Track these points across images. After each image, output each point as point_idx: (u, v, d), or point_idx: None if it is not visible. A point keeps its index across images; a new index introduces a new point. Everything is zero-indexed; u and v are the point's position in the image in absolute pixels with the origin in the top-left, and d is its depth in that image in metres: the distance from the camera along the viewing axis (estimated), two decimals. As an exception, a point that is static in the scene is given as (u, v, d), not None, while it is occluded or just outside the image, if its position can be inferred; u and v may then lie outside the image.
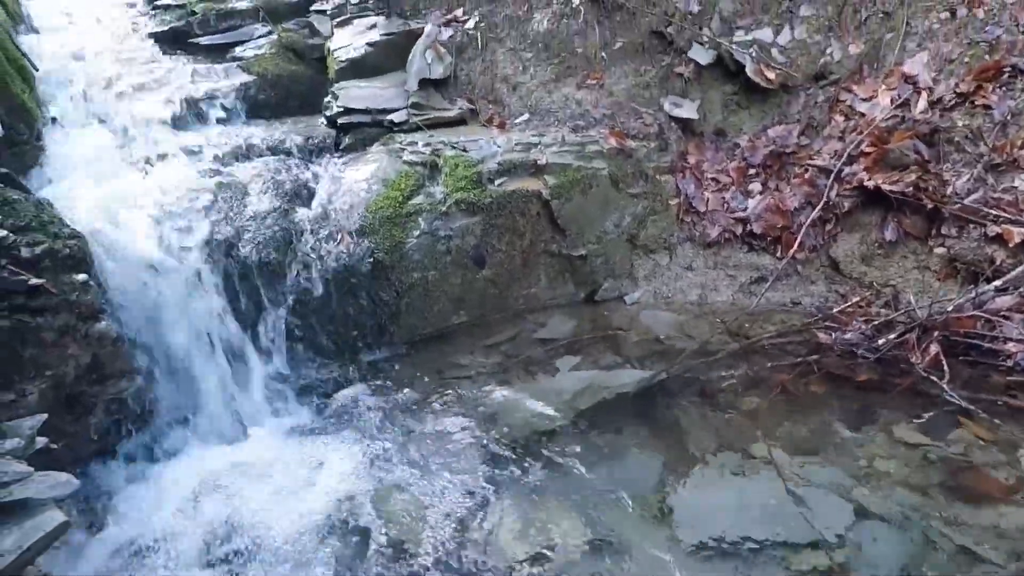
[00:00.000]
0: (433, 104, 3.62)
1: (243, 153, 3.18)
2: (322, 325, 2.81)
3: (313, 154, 3.33)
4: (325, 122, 3.56)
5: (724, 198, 3.35)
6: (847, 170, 3.08)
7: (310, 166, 3.19)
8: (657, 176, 3.39)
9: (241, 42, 4.00)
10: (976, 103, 2.92)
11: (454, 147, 3.15)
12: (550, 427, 2.41)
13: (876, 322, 2.71)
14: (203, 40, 3.99)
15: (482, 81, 3.77)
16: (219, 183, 2.85)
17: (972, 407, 2.28)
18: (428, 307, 2.99)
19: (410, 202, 2.95)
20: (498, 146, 3.19)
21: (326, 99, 3.63)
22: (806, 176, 3.20)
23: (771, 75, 3.40)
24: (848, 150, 3.08)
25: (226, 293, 2.60)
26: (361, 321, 2.89)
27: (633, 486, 2.12)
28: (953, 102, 2.97)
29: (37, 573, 1.52)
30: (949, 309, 2.59)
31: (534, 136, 3.34)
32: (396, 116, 3.48)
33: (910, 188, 2.89)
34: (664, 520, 1.98)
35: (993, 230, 2.72)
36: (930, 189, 2.86)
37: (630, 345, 2.92)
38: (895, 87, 3.13)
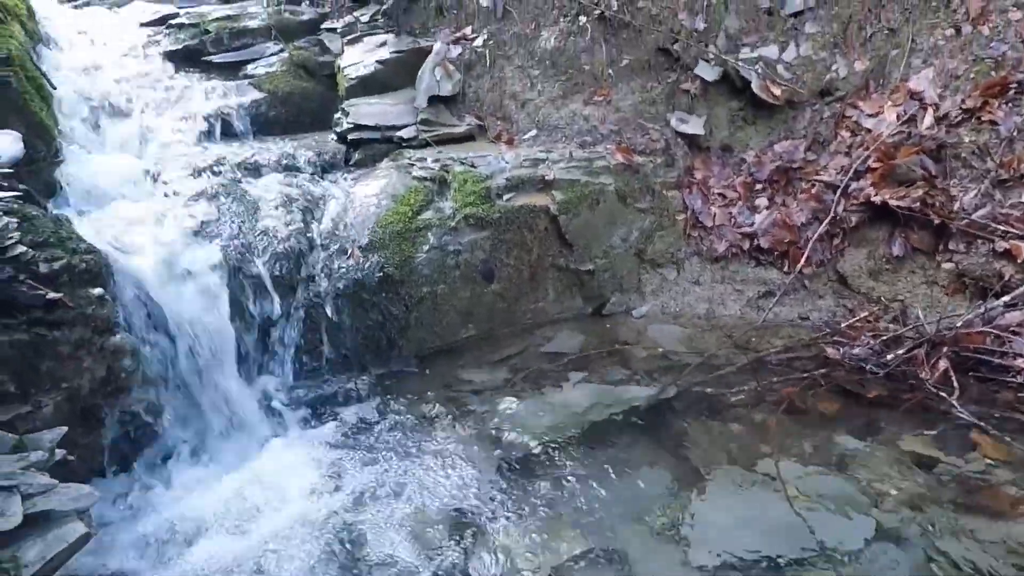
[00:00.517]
0: (442, 120, 3.67)
1: (255, 169, 3.22)
2: (332, 339, 2.83)
3: (324, 170, 3.38)
4: (335, 138, 3.61)
5: (731, 213, 3.37)
6: (854, 185, 3.09)
7: (321, 181, 3.23)
8: (664, 191, 3.41)
9: (253, 60, 4.07)
10: (982, 119, 2.93)
11: (463, 163, 3.19)
12: (557, 442, 2.41)
13: (884, 337, 2.71)
14: (216, 58, 4.06)
15: (490, 98, 3.82)
16: (231, 198, 2.89)
17: (982, 423, 2.27)
18: (437, 321, 3.01)
19: (419, 217, 2.98)
20: (506, 162, 3.23)
21: (336, 115, 3.69)
22: (813, 191, 3.22)
23: (777, 91, 3.43)
24: (855, 165, 3.10)
25: (236, 307, 2.63)
26: (371, 335, 2.91)
27: (641, 501, 2.11)
28: (959, 118, 2.99)
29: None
30: (958, 324, 2.58)
31: (542, 152, 3.38)
32: (405, 132, 3.54)
33: (917, 203, 2.90)
34: (672, 536, 1.98)
35: (1001, 245, 2.72)
36: (937, 204, 2.87)
37: (638, 359, 2.93)
38: (901, 103, 3.16)
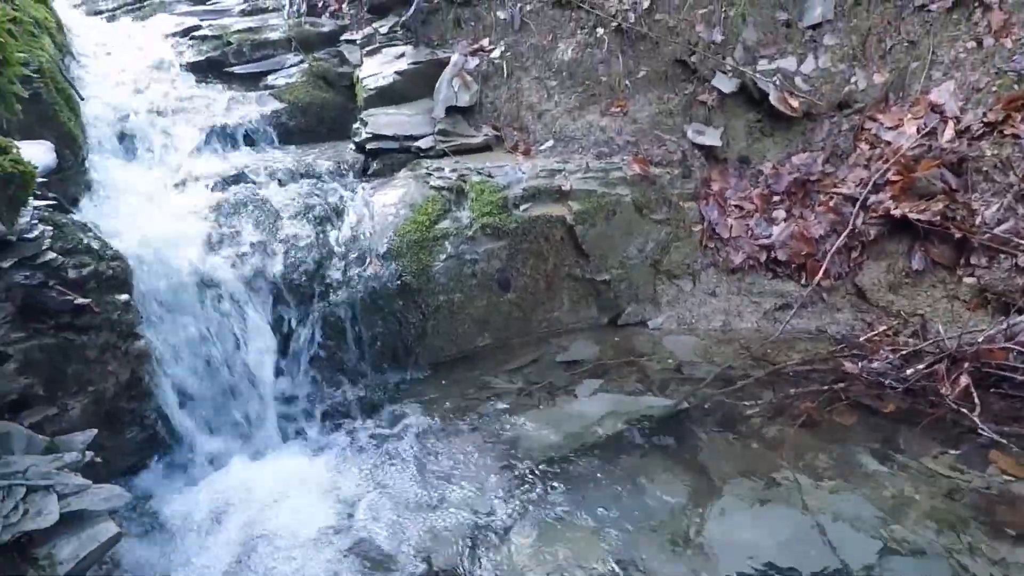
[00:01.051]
0: (459, 131, 3.70)
1: (275, 177, 3.27)
2: (349, 346, 2.86)
3: (342, 179, 3.42)
4: (354, 148, 3.66)
5: (748, 225, 3.36)
6: (873, 198, 3.08)
7: (339, 191, 3.27)
8: (680, 203, 3.41)
9: (274, 71, 4.14)
10: (1005, 132, 2.91)
11: (480, 173, 3.22)
12: (573, 452, 2.42)
13: (904, 352, 2.69)
14: (238, 69, 4.14)
15: (507, 108, 3.85)
16: (252, 206, 2.94)
17: (1004, 440, 2.24)
18: (453, 329, 3.03)
19: (437, 226, 3.01)
20: (523, 172, 3.25)
21: (355, 125, 3.74)
22: (831, 204, 3.21)
23: (795, 103, 3.42)
24: (874, 178, 3.09)
25: (256, 314, 2.67)
26: (388, 342, 2.93)
27: (656, 512, 2.11)
28: (981, 131, 2.96)
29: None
30: (980, 340, 2.55)
31: (558, 163, 3.40)
32: (423, 142, 3.57)
33: (937, 217, 2.88)
34: (687, 548, 1.97)
35: (1024, 260, 2.70)
36: (958, 218, 2.85)
37: (653, 370, 2.93)
38: (921, 116, 3.14)
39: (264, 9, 4.88)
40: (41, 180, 2.05)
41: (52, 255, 1.94)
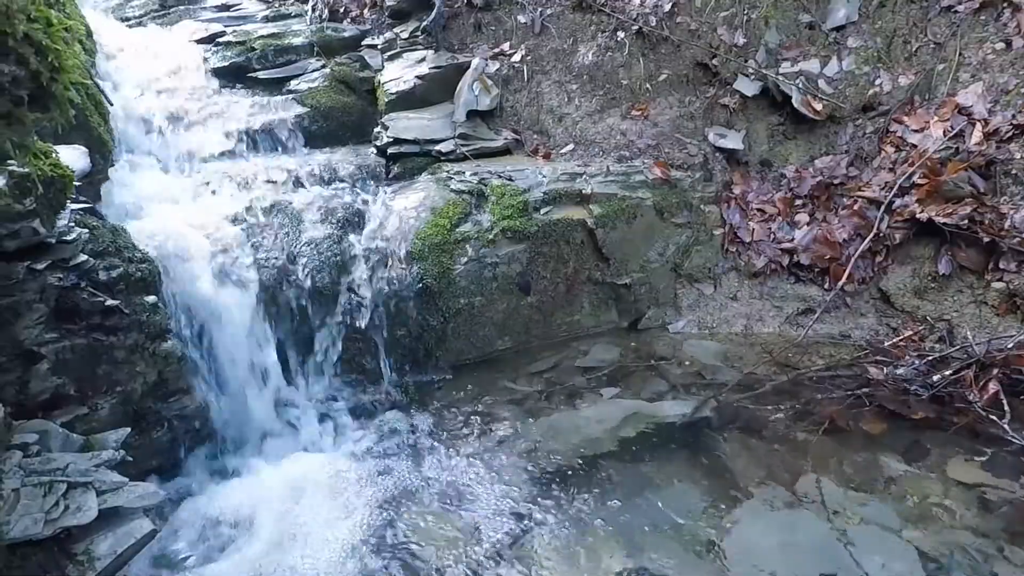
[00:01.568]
0: (480, 135, 3.72)
1: (297, 181, 3.31)
2: (370, 348, 2.88)
3: (364, 182, 3.45)
4: (375, 151, 3.69)
5: (770, 228, 3.33)
6: (898, 202, 3.04)
7: (361, 194, 3.30)
8: (702, 206, 3.39)
9: (296, 76, 4.18)
10: (1034, 135, 2.86)
11: (501, 176, 3.23)
12: (593, 455, 2.41)
13: (930, 357, 2.65)
14: (261, 74, 4.19)
15: (528, 112, 3.86)
16: (275, 209, 2.98)
17: (1035, 448, 2.20)
18: (474, 332, 3.04)
19: (458, 230, 3.03)
20: (544, 176, 3.26)
21: (376, 129, 3.77)
22: (855, 207, 3.17)
23: (818, 106, 3.39)
24: (899, 181, 3.04)
25: (279, 316, 2.70)
26: (408, 345, 2.95)
27: (678, 517, 2.10)
28: (1010, 133, 2.91)
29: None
30: (1009, 346, 2.51)
31: (579, 166, 3.40)
32: (444, 146, 3.59)
33: (965, 221, 2.83)
34: (710, 553, 1.96)
35: (1055, 265, 2.64)
36: (986, 222, 2.80)
37: (674, 375, 2.91)
38: (948, 118, 3.09)
39: (287, 15, 4.94)
40: (78, 184, 2.10)
41: (84, 257, 1.99)
